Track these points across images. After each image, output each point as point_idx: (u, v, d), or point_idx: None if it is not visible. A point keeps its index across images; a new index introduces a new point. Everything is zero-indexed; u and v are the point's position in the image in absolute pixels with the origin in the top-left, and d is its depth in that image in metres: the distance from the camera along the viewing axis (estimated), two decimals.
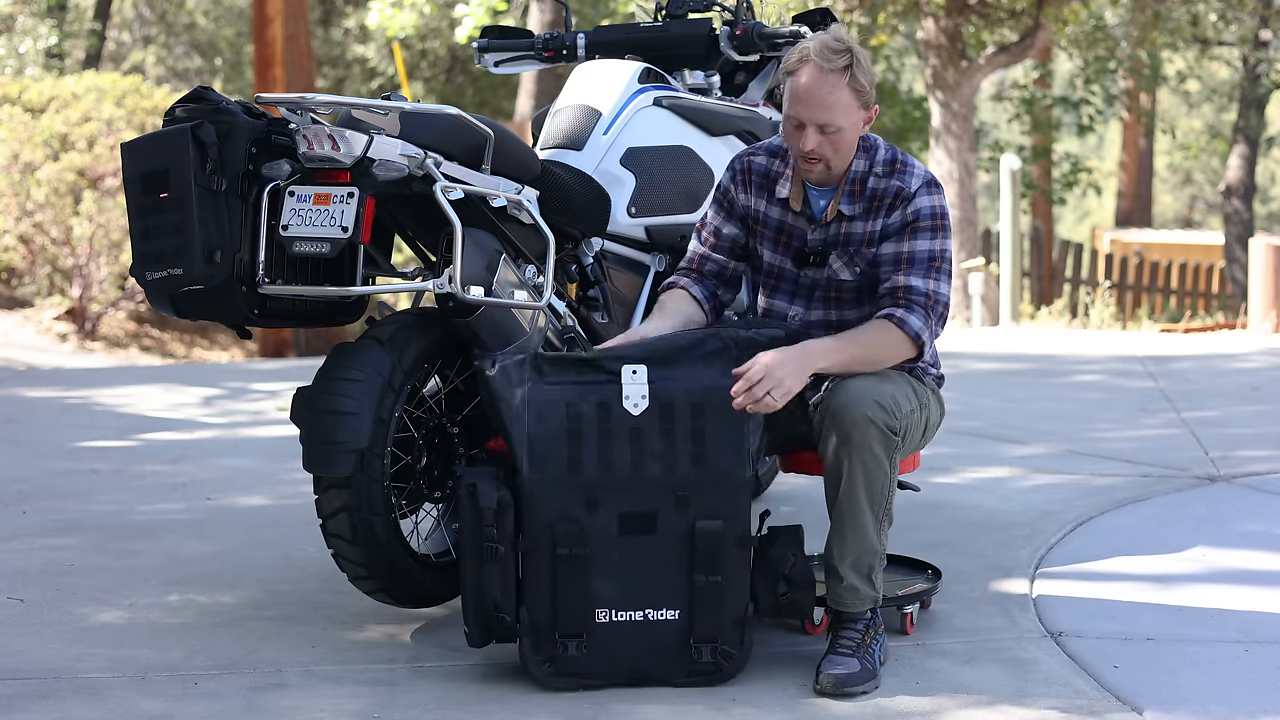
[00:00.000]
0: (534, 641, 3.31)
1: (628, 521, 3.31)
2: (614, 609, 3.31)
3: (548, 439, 3.32)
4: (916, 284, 3.50)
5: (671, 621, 3.32)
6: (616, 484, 3.31)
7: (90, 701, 3.26)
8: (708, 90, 4.57)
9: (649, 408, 3.33)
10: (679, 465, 3.32)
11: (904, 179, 3.55)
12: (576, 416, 3.33)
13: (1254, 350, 9.14)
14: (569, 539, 3.29)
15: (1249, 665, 3.51)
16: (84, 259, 12.77)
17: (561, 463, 3.31)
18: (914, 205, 3.53)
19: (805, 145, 3.47)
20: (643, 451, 3.32)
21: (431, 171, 3.51)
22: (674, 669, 3.33)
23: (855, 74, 3.44)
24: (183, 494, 5.29)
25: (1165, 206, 37.31)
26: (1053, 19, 12.55)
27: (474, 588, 3.32)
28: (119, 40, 23.92)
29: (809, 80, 3.44)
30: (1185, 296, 18.68)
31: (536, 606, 3.31)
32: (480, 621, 3.34)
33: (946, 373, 3.83)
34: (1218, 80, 28.81)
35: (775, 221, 3.65)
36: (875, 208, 3.55)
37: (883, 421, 3.37)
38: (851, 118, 3.47)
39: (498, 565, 3.30)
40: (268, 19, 14.05)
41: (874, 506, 3.41)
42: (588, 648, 3.30)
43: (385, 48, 21.66)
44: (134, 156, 3.49)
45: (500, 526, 3.29)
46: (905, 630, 3.69)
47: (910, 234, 3.52)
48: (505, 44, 4.68)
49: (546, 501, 3.30)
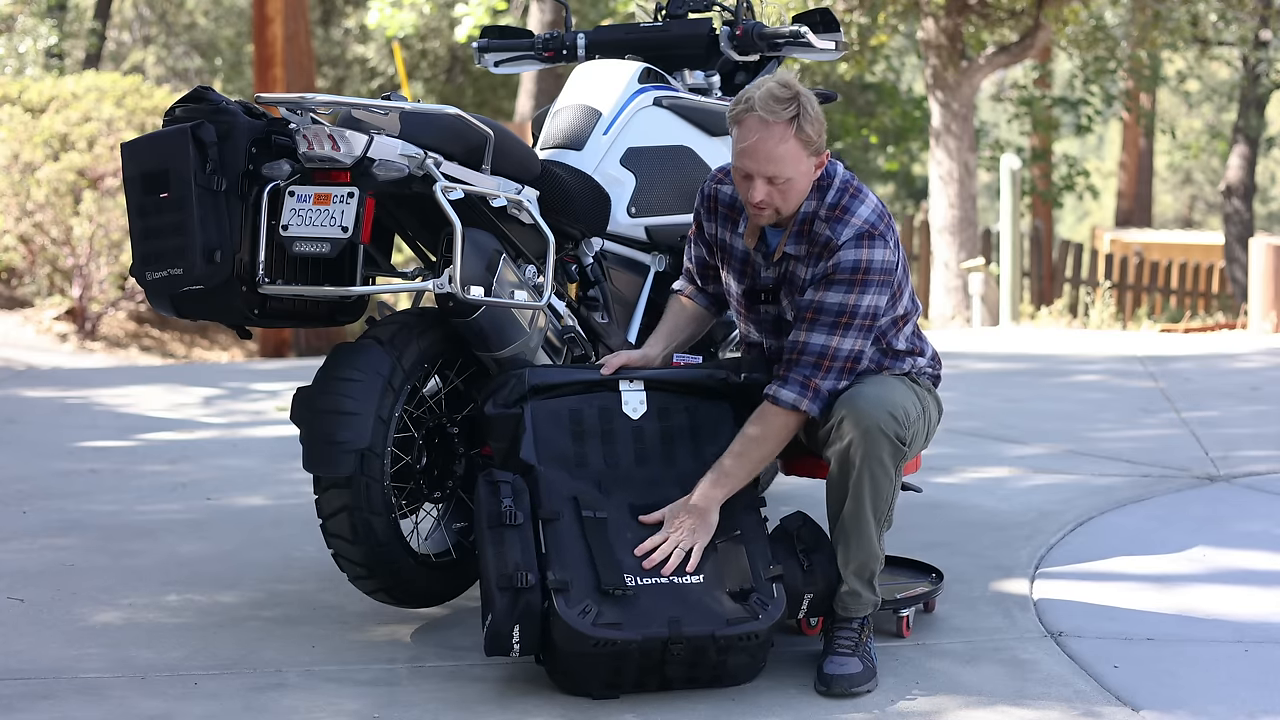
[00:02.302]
0: (567, 597, 3.22)
1: (638, 512, 3.41)
2: (640, 575, 3.30)
3: (555, 442, 3.46)
4: (813, 340, 3.44)
5: (698, 584, 3.31)
6: (624, 479, 3.45)
7: (90, 701, 3.26)
8: (708, 90, 4.57)
9: (647, 411, 3.50)
10: (680, 459, 3.49)
11: (835, 229, 3.46)
12: (579, 420, 3.50)
13: (1254, 350, 9.13)
14: (592, 503, 3.37)
15: (1249, 665, 3.51)
16: (84, 259, 12.76)
17: (569, 460, 3.45)
18: (836, 257, 3.44)
19: (754, 197, 3.44)
20: (645, 449, 3.49)
21: (431, 171, 3.51)
22: (713, 620, 3.26)
23: (802, 125, 3.37)
24: (183, 494, 5.29)
25: (1165, 206, 37.29)
26: (1053, 19, 12.54)
27: (495, 560, 3.26)
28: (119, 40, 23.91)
29: (754, 133, 3.38)
30: (1185, 296, 18.67)
31: (566, 567, 3.27)
32: (503, 585, 3.21)
33: (946, 373, 3.83)
34: (1218, 80, 28.80)
35: (740, 253, 3.66)
36: (813, 253, 3.50)
37: (894, 432, 3.38)
38: (800, 167, 3.41)
39: (518, 533, 3.29)
40: (268, 19, 14.04)
41: (877, 515, 3.42)
42: (624, 602, 3.24)
43: (385, 48, 21.65)
44: (134, 156, 3.49)
45: (517, 500, 3.33)
46: (901, 634, 3.69)
47: (825, 285, 3.45)
48: (505, 44, 4.68)
49: (562, 482, 3.40)
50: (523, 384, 3.51)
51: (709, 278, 3.80)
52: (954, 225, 12.90)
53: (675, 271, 4.29)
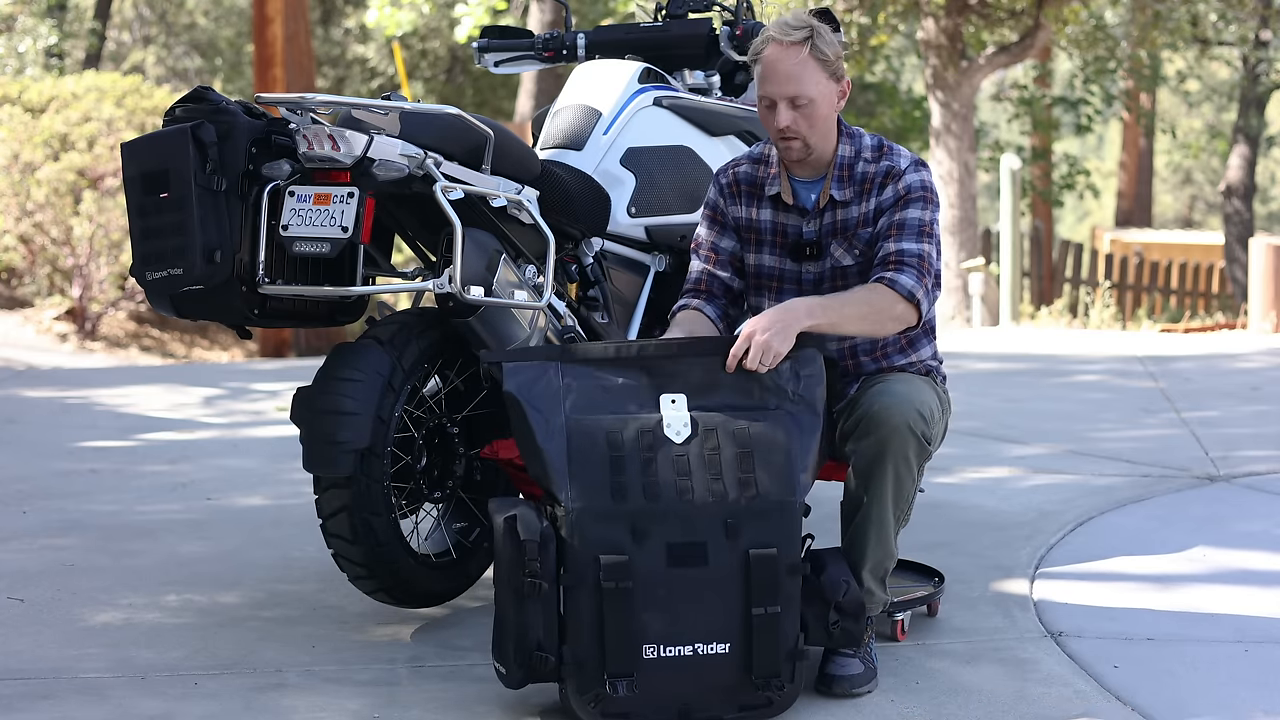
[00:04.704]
0: (578, 682, 3.09)
1: (676, 553, 3.11)
2: (662, 644, 3.09)
3: (590, 468, 3.13)
4: (908, 247, 3.48)
5: (722, 656, 3.11)
6: (663, 514, 3.11)
7: (90, 701, 3.26)
8: (708, 90, 4.57)
9: (691, 435, 3.17)
10: (727, 492, 3.13)
11: (893, 159, 3.56)
12: (618, 444, 3.14)
13: (1254, 350, 9.14)
14: (615, 572, 3.07)
15: (1249, 665, 3.51)
16: (84, 259, 12.77)
17: (605, 492, 3.11)
18: (905, 180, 3.53)
19: (779, 122, 3.46)
20: (689, 479, 3.13)
21: (431, 171, 3.51)
22: (725, 705, 3.14)
23: (817, 44, 3.44)
24: (183, 494, 5.29)
25: (1165, 206, 37.29)
26: (1053, 19, 12.55)
27: (515, 628, 3.10)
28: (119, 40, 23.90)
29: (771, 56, 3.45)
30: (1185, 296, 18.67)
31: (581, 644, 3.09)
32: (522, 662, 3.13)
33: (946, 373, 3.82)
34: (1218, 80, 28.80)
35: (768, 224, 3.63)
36: (867, 189, 3.55)
37: (920, 430, 3.37)
38: (820, 88, 3.46)
39: (540, 603, 3.09)
40: (268, 19, 14.04)
41: (898, 513, 3.41)
42: (637, 686, 3.09)
43: (385, 48, 21.65)
44: (134, 156, 3.49)
45: (543, 561, 3.09)
46: (896, 637, 3.67)
47: (902, 205, 3.52)
48: (505, 44, 4.68)
49: (591, 533, 3.08)
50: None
51: (716, 293, 3.66)
52: (954, 225, 12.91)
53: (675, 271, 4.29)
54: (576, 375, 3.22)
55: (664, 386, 3.23)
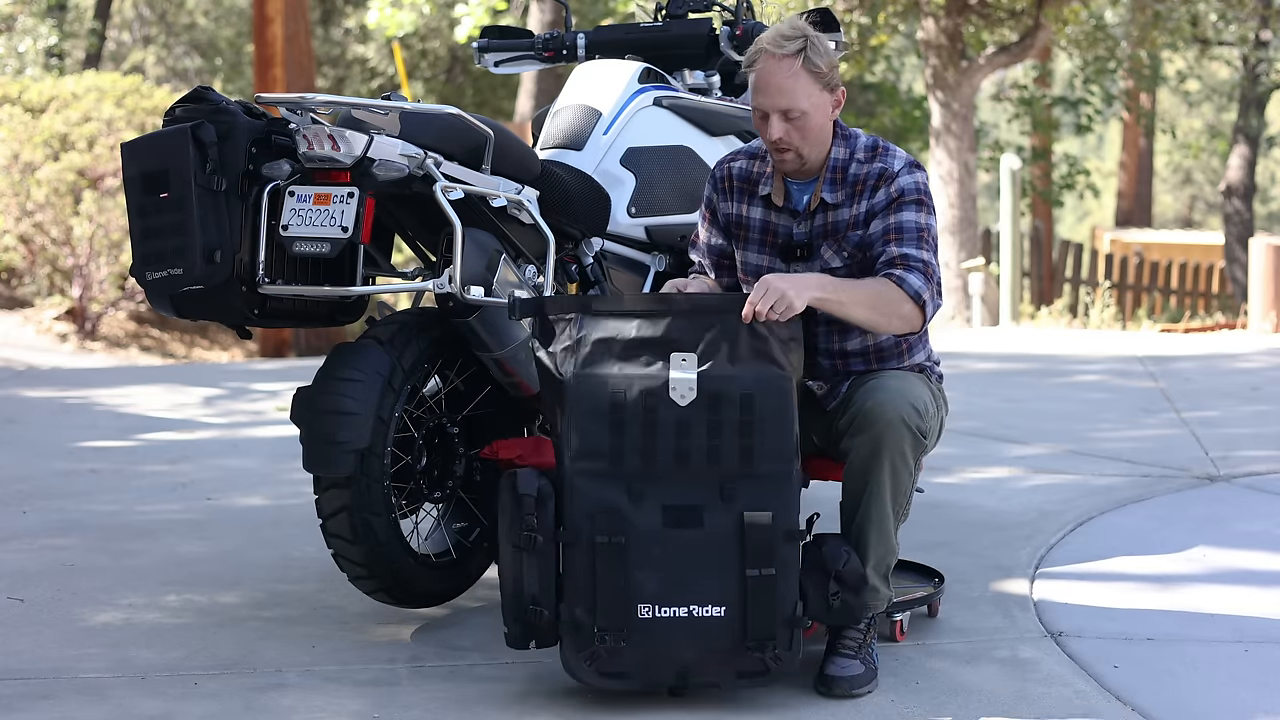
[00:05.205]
0: (575, 640, 3.17)
1: (671, 515, 3.18)
2: (657, 604, 3.15)
3: (592, 428, 3.19)
4: (911, 252, 3.46)
5: (718, 619, 3.16)
6: (659, 477, 3.19)
7: (90, 701, 3.26)
8: (708, 90, 4.57)
9: (696, 399, 3.19)
10: (725, 458, 3.18)
11: (887, 160, 3.54)
12: (620, 405, 3.19)
13: (1254, 350, 9.14)
14: (607, 526, 3.16)
15: (1249, 665, 3.51)
16: (84, 259, 12.76)
17: (604, 455, 3.18)
18: (898, 183, 3.50)
19: (772, 135, 3.46)
20: (688, 444, 3.18)
21: (431, 171, 3.51)
22: (723, 670, 3.19)
23: (810, 56, 3.42)
24: (183, 494, 5.29)
25: (1165, 206, 37.28)
26: (1053, 19, 12.55)
27: (512, 583, 3.21)
28: (119, 40, 23.90)
29: (764, 69, 3.44)
30: (1185, 296, 18.67)
31: (577, 602, 3.18)
32: (518, 616, 3.21)
33: (946, 373, 3.83)
34: (1218, 80, 28.79)
35: (759, 222, 3.63)
36: (859, 192, 3.53)
37: (915, 425, 3.37)
38: (813, 100, 3.45)
39: (536, 557, 3.18)
40: (268, 19, 14.04)
41: (896, 508, 3.41)
42: (628, 643, 3.15)
43: (385, 48, 21.65)
44: (134, 156, 3.49)
45: (540, 517, 3.18)
46: (895, 638, 3.67)
47: (895, 208, 3.49)
48: (505, 44, 4.68)
49: (588, 491, 3.18)
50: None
51: (723, 268, 3.73)
52: (954, 225, 12.90)
53: (675, 271, 4.29)
54: (593, 328, 3.26)
55: (677, 345, 3.23)
